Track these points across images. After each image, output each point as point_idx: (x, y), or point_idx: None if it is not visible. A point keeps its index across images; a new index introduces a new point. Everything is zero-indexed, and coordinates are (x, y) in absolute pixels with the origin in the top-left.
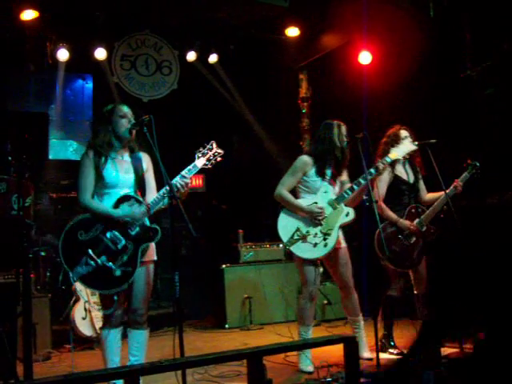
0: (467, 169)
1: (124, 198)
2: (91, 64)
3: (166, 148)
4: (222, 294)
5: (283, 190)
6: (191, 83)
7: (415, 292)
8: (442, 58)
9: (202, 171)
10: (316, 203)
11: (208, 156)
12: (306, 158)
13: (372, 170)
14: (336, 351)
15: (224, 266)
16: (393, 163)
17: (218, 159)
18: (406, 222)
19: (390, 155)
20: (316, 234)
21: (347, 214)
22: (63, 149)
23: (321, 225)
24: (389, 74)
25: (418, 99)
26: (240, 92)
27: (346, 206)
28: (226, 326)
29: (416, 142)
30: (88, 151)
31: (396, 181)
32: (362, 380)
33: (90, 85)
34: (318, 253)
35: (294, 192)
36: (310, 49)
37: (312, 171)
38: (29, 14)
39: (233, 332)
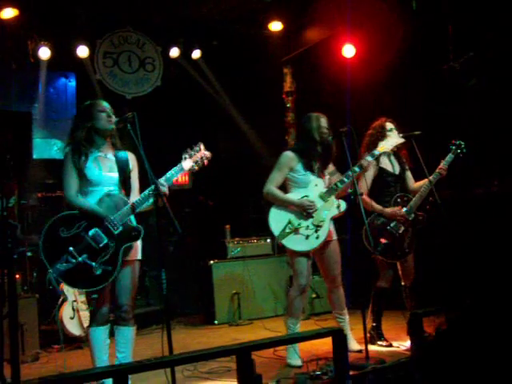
0: (451, 150)
1: (108, 196)
2: (74, 62)
3: (150, 145)
4: (211, 290)
5: (271, 186)
6: (175, 80)
7: (402, 283)
8: (425, 50)
9: None
10: (307, 196)
11: (195, 158)
12: (289, 154)
13: (356, 168)
14: (325, 344)
15: (212, 261)
16: (378, 156)
17: (206, 162)
18: (389, 210)
19: (378, 148)
20: (308, 226)
21: (338, 206)
22: (47, 148)
23: (312, 217)
24: (372, 66)
25: (401, 91)
26: (224, 87)
27: (336, 198)
28: (215, 322)
29: (401, 134)
30: (68, 149)
31: (382, 173)
32: (351, 372)
33: (73, 83)
34: (311, 245)
35: (285, 187)
36: (294, 43)
37: (299, 166)
38: (8, 13)
39: (222, 328)
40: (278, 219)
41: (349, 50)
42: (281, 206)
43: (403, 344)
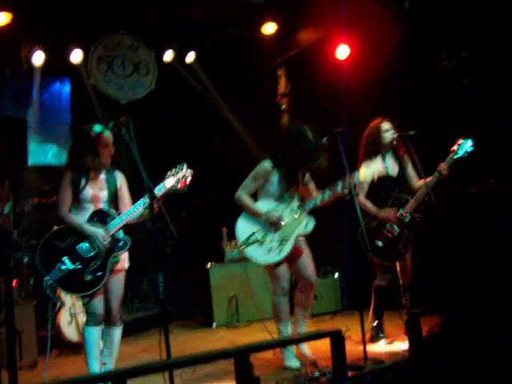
0: (455, 149)
1: (96, 213)
2: (68, 67)
3: (145, 149)
4: (208, 293)
5: (243, 194)
6: (169, 83)
7: (401, 282)
8: (418, 50)
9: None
10: (278, 210)
11: (178, 177)
12: (267, 166)
13: (329, 192)
14: (323, 345)
15: (209, 264)
16: (376, 159)
17: (188, 181)
18: (383, 212)
19: (359, 176)
20: (272, 239)
21: (306, 225)
22: (43, 153)
23: (279, 231)
24: (366, 67)
25: (395, 91)
26: (219, 90)
27: (309, 214)
28: (213, 324)
29: (396, 134)
30: (71, 171)
31: (379, 178)
32: (349, 373)
33: (67, 88)
34: (272, 258)
35: (256, 194)
36: (288, 45)
37: (274, 178)
38: (1, 18)
39: (220, 331)
40: (244, 227)
41: (343, 51)
42: (249, 214)
43: (402, 344)
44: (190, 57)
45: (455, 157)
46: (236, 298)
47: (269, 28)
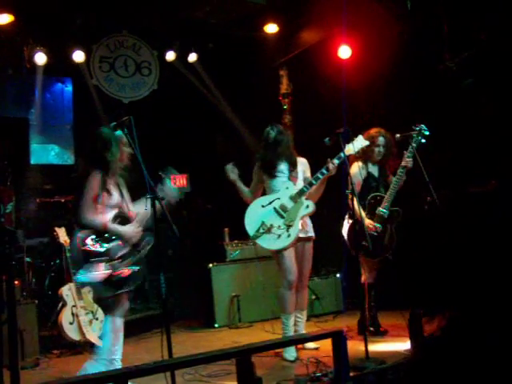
0: (412, 139)
1: (119, 215)
2: (70, 67)
3: (147, 149)
4: (210, 293)
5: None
6: (172, 83)
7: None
8: (420, 50)
9: (186, 170)
10: (279, 199)
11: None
12: (256, 166)
13: (324, 170)
14: (325, 345)
15: (211, 265)
16: (366, 162)
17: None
18: (367, 221)
19: (345, 150)
20: (279, 225)
21: (307, 207)
22: (45, 153)
23: (284, 217)
24: (368, 67)
25: (397, 91)
26: (221, 90)
27: (306, 199)
28: (215, 325)
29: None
30: (101, 173)
31: (368, 177)
32: (351, 373)
33: (69, 88)
34: (283, 243)
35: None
36: (290, 45)
37: (265, 175)
38: (4, 18)
39: (222, 331)
40: (252, 221)
41: (345, 52)
42: (253, 207)
43: (404, 344)
44: (193, 57)
45: (415, 145)
46: (238, 298)
47: (271, 28)
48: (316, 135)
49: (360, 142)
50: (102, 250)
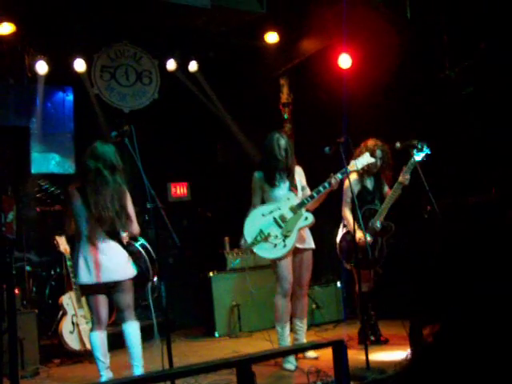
0: (411, 149)
1: None
2: (71, 76)
3: (148, 158)
4: (210, 302)
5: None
6: (172, 92)
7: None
8: (420, 60)
9: (187, 178)
10: (279, 209)
11: None
12: (256, 176)
13: (326, 184)
14: (325, 355)
15: (211, 273)
16: (362, 175)
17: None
18: (358, 235)
19: (348, 167)
20: (277, 235)
21: (306, 219)
22: (46, 162)
23: (282, 228)
24: (368, 76)
25: (397, 100)
26: (221, 99)
27: (306, 211)
28: (216, 334)
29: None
30: (125, 183)
31: (363, 191)
32: (352, 383)
33: (70, 97)
34: (278, 253)
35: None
36: (290, 54)
37: (266, 185)
38: (5, 28)
39: (222, 340)
40: (250, 228)
41: (345, 61)
42: (252, 215)
43: (404, 354)
44: (193, 66)
45: (414, 162)
46: (238, 307)
47: (271, 37)
48: (316, 144)
49: (366, 159)
50: None
